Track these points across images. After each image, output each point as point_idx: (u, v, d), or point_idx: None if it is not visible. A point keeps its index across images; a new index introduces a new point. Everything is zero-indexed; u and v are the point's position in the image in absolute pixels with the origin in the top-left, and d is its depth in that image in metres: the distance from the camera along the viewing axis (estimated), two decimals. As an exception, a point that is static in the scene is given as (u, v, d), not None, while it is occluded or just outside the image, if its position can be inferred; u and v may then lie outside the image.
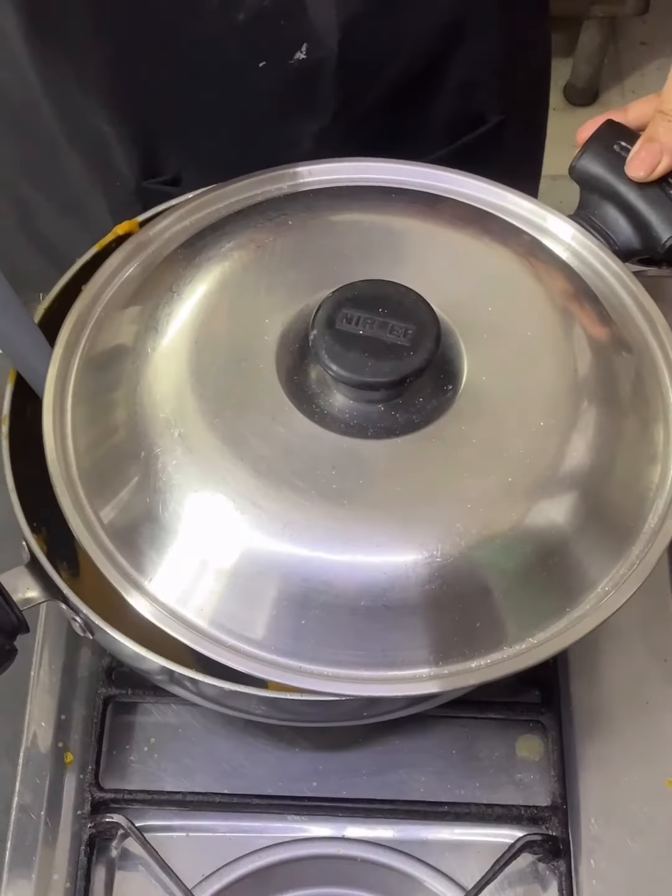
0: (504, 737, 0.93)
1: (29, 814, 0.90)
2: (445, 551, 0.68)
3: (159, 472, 0.72)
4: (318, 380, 0.73)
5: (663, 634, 0.96)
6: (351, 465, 0.71)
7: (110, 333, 0.80)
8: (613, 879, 0.88)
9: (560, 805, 0.89)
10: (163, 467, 0.72)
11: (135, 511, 0.73)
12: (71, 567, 0.89)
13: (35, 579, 0.82)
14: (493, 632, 0.71)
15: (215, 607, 0.71)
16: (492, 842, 0.89)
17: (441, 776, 0.92)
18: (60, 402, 0.78)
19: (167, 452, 0.72)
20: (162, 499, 0.71)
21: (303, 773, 0.92)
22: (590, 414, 0.74)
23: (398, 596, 0.69)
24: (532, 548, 0.71)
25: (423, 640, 0.70)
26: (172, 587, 0.72)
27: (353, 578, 0.69)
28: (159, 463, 0.72)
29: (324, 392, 0.73)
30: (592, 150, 0.83)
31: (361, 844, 0.89)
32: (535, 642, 0.71)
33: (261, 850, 0.89)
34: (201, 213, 0.85)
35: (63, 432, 0.77)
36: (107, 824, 0.89)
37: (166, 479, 0.71)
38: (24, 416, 0.89)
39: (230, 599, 0.71)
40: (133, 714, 0.94)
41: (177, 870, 0.86)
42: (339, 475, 0.70)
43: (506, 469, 0.71)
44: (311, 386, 0.73)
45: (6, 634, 0.80)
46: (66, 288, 0.91)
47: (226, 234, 0.81)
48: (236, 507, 0.70)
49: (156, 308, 0.78)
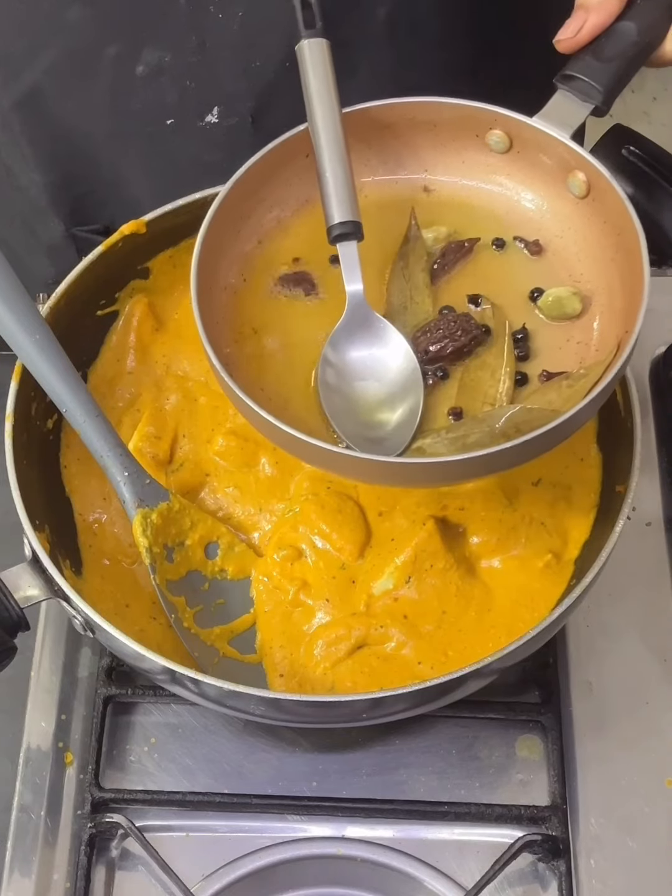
0: (504, 737, 0.93)
1: (29, 814, 0.90)
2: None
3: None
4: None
5: (663, 634, 0.96)
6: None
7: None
8: (613, 879, 0.88)
9: (560, 805, 0.89)
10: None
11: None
12: (73, 565, 0.90)
13: (36, 577, 0.83)
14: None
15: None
16: (492, 842, 0.89)
17: (441, 776, 0.92)
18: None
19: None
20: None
21: (303, 773, 0.92)
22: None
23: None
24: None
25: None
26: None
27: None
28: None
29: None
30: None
31: (361, 844, 0.89)
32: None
33: (261, 850, 0.89)
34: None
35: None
36: (107, 824, 0.89)
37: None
38: (27, 415, 0.89)
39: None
40: (133, 714, 0.95)
41: (177, 870, 0.86)
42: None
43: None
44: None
45: (7, 632, 0.80)
46: (70, 287, 0.92)
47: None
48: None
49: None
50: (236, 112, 0.99)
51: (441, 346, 0.82)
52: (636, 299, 0.77)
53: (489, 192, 0.88)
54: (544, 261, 0.86)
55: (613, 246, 0.82)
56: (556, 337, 0.83)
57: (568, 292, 0.83)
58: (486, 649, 0.85)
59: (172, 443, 0.94)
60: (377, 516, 0.91)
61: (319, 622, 0.88)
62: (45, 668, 0.95)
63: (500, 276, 0.86)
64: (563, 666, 0.95)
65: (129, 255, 0.95)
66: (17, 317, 0.84)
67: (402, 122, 0.87)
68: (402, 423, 0.80)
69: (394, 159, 0.89)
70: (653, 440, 1.04)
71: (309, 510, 0.90)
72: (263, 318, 0.86)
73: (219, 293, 0.85)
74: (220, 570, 0.90)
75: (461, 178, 0.89)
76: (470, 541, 0.90)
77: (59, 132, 1.02)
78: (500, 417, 0.79)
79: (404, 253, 0.87)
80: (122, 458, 0.86)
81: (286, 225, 0.88)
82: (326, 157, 0.80)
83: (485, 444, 0.77)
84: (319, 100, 0.81)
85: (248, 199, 0.86)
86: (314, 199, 0.86)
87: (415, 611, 0.88)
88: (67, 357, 0.86)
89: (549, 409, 0.78)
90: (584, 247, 0.85)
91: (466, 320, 0.82)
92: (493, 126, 0.85)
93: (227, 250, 0.86)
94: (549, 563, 0.89)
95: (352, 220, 0.80)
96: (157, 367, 0.97)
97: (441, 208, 0.88)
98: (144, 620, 0.89)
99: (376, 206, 0.88)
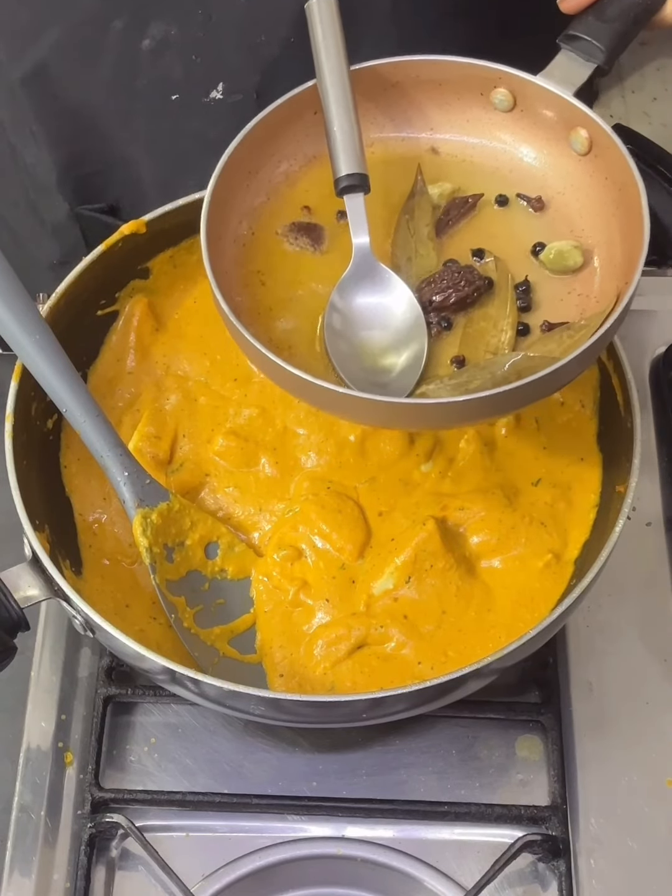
0: (504, 737, 0.93)
1: (29, 814, 0.90)
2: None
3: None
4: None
5: (663, 634, 0.96)
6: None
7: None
8: (613, 879, 0.88)
9: (560, 805, 0.89)
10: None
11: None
12: (73, 565, 0.90)
13: (36, 577, 0.83)
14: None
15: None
16: (492, 842, 0.89)
17: (441, 776, 0.92)
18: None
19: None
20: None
21: (303, 773, 0.92)
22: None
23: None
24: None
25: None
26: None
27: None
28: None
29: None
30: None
31: (361, 844, 0.89)
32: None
33: (261, 850, 0.89)
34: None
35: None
36: (107, 824, 0.89)
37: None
38: (27, 415, 0.89)
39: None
40: (133, 714, 0.95)
41: (177, 870, 0.86)
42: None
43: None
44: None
45: (7, 632, 0.80)
46: (70, 287, 0.92)
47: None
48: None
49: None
50: (241, 88, 0.99)
51: (445, 296, 0.83)
52: (636, 252, 0.78)
53: (493, 149, 0.90)
54: (546, 216, 0.87)
55: (614, 201, 0.84)
56: (558, 289, 0.85)
57: (569, 246, 0.85)
58: (486, 649, 0.85)
59: (172, 443, 0.94)
60: (377, 516, 0.91)
61: (319, 622, 0.88)
62: (45, 668, 0.95)
63: (503, 231, 0.87)
64: (563, 666, 0.95)
65: (129, 255, 0.95)
66: (17, 317, 0.84)
67: (408, 81, 0.89)
68: (406, 369, 0.82)
69: (400, 117, 0.91)
70: (653, 440, 1.04)
71: (309, 510, 0.90)
72: (271, 269, 0.87)
73: (229, 245, 0.87)
74: (220, 570, 0.90)
75: (466, 135, 0.90)
76: (470, 541, 0.90)
77: (66, 108, 1.03)
78: (503, 364, 0.81)
79: (409, 207, 0.88)
80: (122, 458, 0.86)
81: (294, 180, 0.90)
82: (334, 111, 0.82)
83: (487, 390, 0.78)
84: (327, 55, 0.83)
85: (256, 154, 0.87)
86: (322, 155, 0.87)
87: (415, 611, 0.88)
88: (67, 357, 0.86)
89: (550, 357, 0.79)
90: (585, 203, 0.86)
91: (470, 271, 0.84)
92: (498, 84, 0.87)
93: (236, 204, 0.87)
94: (549, 563, 0.89)
95: (359, 172, 0.82)
96: (157, 367, 0.97)
97: (446, 165, 0.90)
98: (144, 620, 0.89)
99: (383, 162, 0.90)
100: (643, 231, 0.78)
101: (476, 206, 0.88)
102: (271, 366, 0.77)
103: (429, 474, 0.93)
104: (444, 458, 0.93)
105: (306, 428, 0.94)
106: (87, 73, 1.00)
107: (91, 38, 0.97)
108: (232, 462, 0.94)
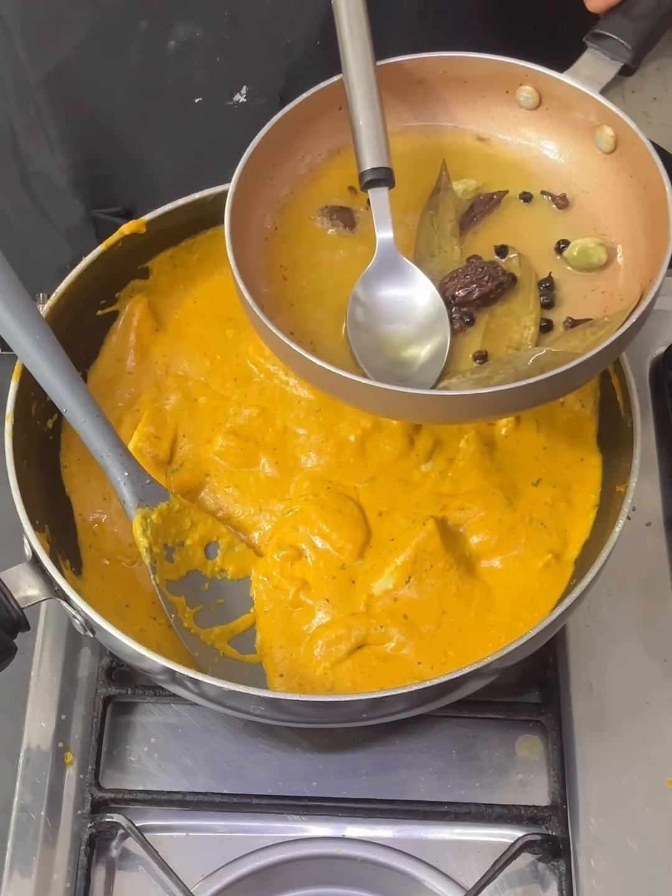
0: (504, 737, 0.93)
1: (29, 814, 0.90)
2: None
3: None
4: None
5: (663, 634, 0.96)
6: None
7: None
8: (613, 879, 0.88)
9: (560, 805, 0.89)
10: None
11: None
12: (73, 565, 0.90)
13: (36, 577, 0.83)
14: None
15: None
16: (492, 842, 0.89)
17: (441, 776, 0.92)
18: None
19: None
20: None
21: (303, 773, 0.92)
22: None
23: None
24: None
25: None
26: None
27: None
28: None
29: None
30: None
31: (361, 844, 0.89)
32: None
33: (261, 850, 0.89)
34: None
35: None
36: (107, 824, 0.89)
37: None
38: (28, 415, 0.89)
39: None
40: (133, 714, 0.94)
41: (177, 870, 0.86)
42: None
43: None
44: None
45: (7, 632, 0.80)
46: (70, 287, 0.92)
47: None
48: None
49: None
50: (265, 91, 0.99)
51: (468, 291, 0.83)
52: (661, 249, 0.79)
53: (518, 146, 0.90)
54: (570, 214, 0.87)
55: (639, 199, 0.84)
56: (582, 286, 0.85)
57: (594, 243, 0.85)
58: (486, 649, 0.85)
59: (172, 443, 0.94)
60: (377, 516, 0.91)
61: (319, 622, 0.88)
62: (45, 668, 0.95)
63: (526, 228, 0.88)
64: (563, 666, 0.95)
65: (129, 255, 0.95)
66: (17, 317, 0.84)
67: (434, 77, 0.89)
68: (428, 363, 0.82)
69: (426, 113, 0.91)
70: (653, 440, 1.04)
71: (309, 510, 0.90)
72: (296, 263, 0.88)
73: (253, 238, 0.87)
74: (220, 570, 0.90)
75: (491, 132, 0.91)
76: (470, 541, 0.90)
77: (85, 111, 1.02)
78: (526, 359, 0.81)
79: (434, 203, 0.89)
80: (122, 458, 0.86)
81: (318, 173, 0.90)
82: (360, 105, 0.83)
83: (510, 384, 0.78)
84: (353, 49, 0.84)
85: (280, 148, 0.88)
86: (346, 149, 0.88)
87: (415, 611, 0.88)
88: (67, 357, 0.86)
89: (574, 353, 0.79)
90: (610, 200, 0.87)
91: (493, 267, 0.84)
92: (524, 82, 0.88)
93: (259, 197, 0.88)
94: (549, 563, 0.89)
95: (383, 166, 0.82)
96: (157, 367, 0.97)
97: (471, 161, 0.91)
98: (144, 620, 0.89)
99: (408, 158, 0.90)
100: (668, 228, 0.78)
101: (500, 203, 0.88)
102: (294, 356, 0.78)
103: (429, 474, 0.93)
104: (444, 458, 0.93)
105: (306, 428, 0.94)
106: (110, 74, 0.99)
107: (115, 38, 0.97)
108: (232, 462, 0.94)
